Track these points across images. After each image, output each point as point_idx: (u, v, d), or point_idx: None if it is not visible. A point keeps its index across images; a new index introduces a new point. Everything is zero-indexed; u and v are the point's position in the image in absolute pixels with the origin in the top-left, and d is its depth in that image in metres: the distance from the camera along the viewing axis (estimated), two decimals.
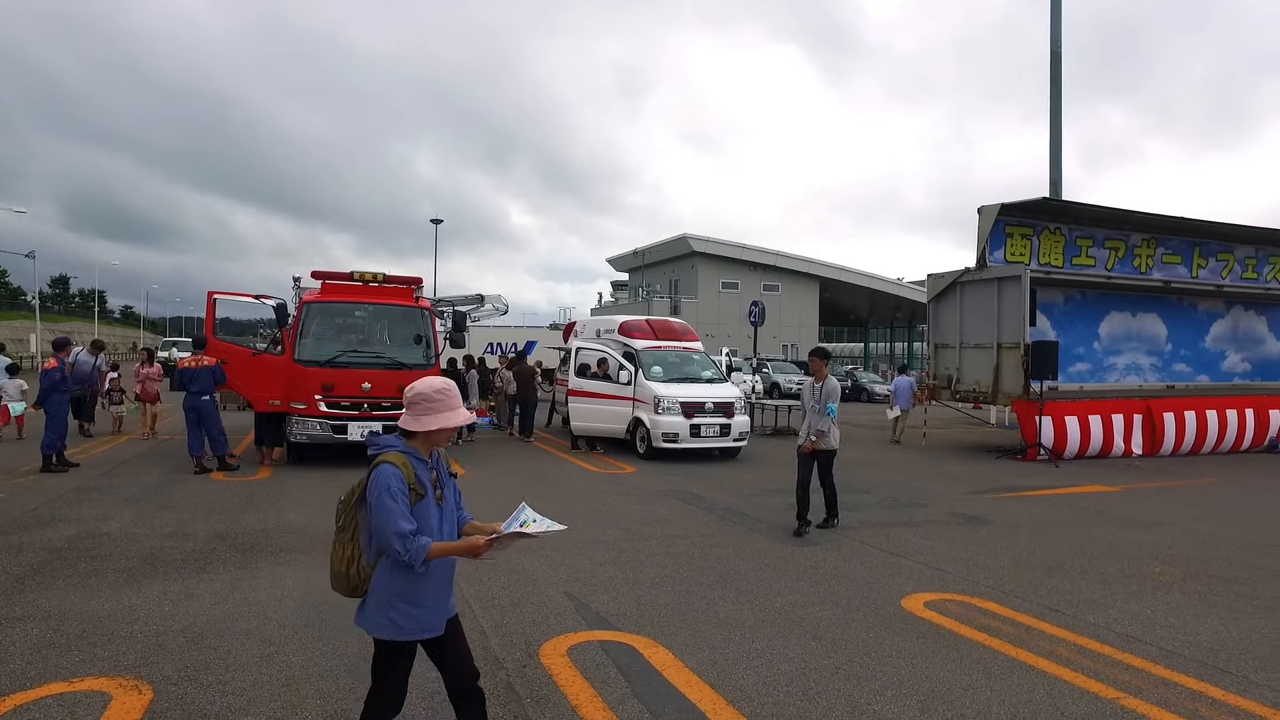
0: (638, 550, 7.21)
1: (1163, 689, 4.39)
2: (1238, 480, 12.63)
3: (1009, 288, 14.77)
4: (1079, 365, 18.23)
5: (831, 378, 8.24)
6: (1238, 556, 7.49)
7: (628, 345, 14.81)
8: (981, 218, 15.26)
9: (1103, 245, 16.88)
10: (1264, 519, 9.47)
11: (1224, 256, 18.41)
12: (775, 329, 44.37)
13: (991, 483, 11.62)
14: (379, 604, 2.85)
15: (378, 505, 2.74)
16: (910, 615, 5.53)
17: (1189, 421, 15.82)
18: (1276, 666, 4.75)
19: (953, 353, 16.10)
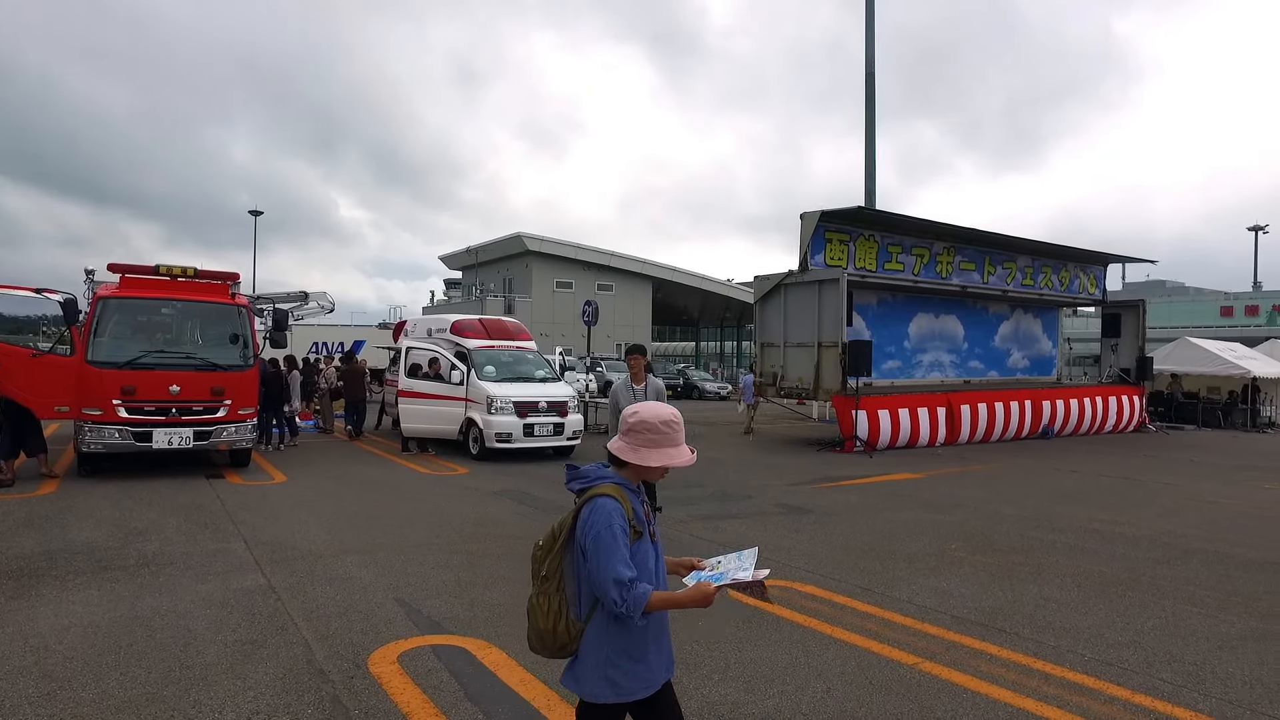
0: (471, 552, 7.10)
1: (953, 651, 4.86)
2: (1018, 464, 14.12)
3: (828, 290, 15.75)
4: (891, 362, 19.74)
5: (654, 377, 7.68)
6: (1015, 530, 8.40)
7: (460, 344, 14.54)
8: (804, 223, 16.17)
9: (910, 252, 18.34)
10: (1036, 496, 10.65)
11: (1009, 265, 20.51)
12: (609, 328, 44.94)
13: (813, 474, 12.35)
14: (596, 663, 2.44)
15: (597, 546, 2.36)
16: (737, 602, 5.79)
17: (982, 413, 17.48)
18: (1039, 622, 5.38)
19: (778, 351, 16.97)
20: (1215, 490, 11.74)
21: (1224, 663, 4.81)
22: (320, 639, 4.88)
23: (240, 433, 11.34)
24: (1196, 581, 6.63)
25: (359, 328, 34.48)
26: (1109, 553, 7.56)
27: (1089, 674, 4.57)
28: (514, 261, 48.64)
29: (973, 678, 4.49)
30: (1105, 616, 5.62)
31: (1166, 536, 8.36)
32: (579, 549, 2.44)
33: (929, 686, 4.36)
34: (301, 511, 8.67)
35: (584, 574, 2.43)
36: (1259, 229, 70.29)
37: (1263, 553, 7.75)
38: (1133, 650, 4.97)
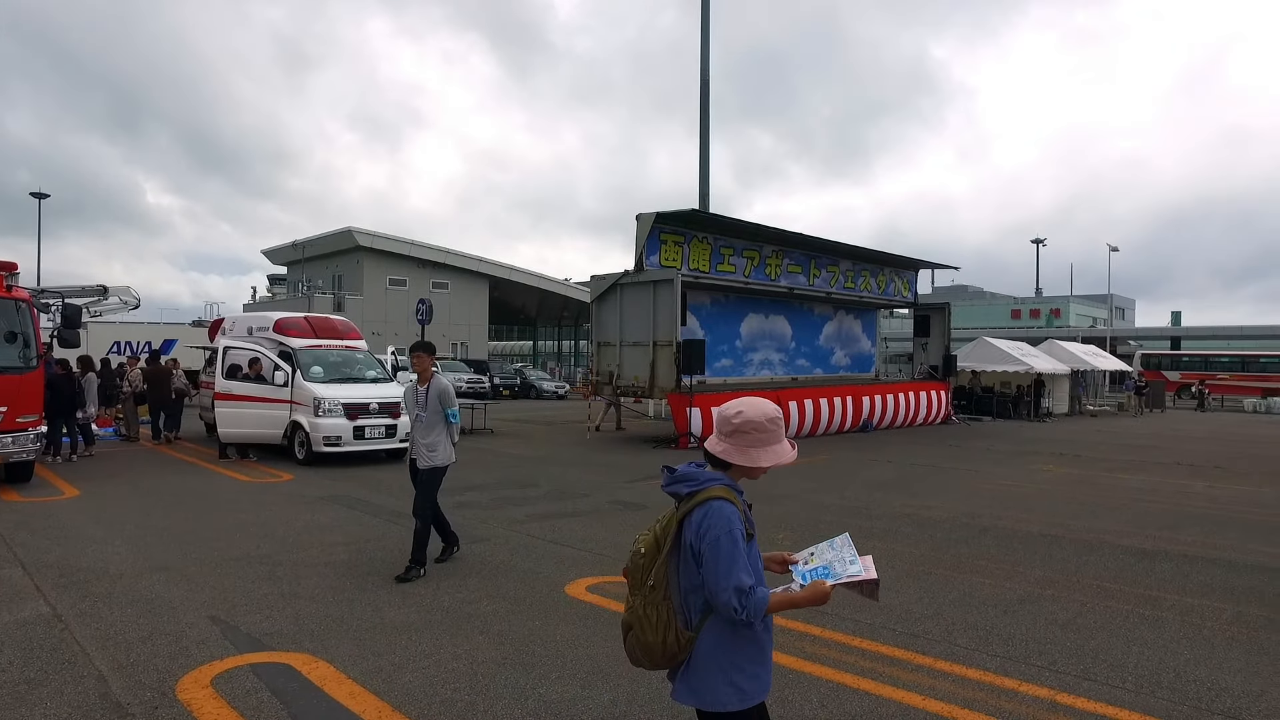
0: (296, 562, 6.72)
1: (780, 635, 5.07)
2: (841, 456, 15.06)
3: (663, 290, 16.12)
4: (723, 361, 20.47)
5: (440, 376, 6.81)
6: (837, 518, 8.95)
7: (284, 344, 13.72)
8: (639, 225, 16.46)
9: (742, 254, 19.11)
10: (857, 486, 11.40)
11: (832, 269, 21.82)
12: (445, 328, 43.89)
13: (649, 470, 12.60)
14: (719, 671, 2.31)
15: (716, 551, 2.22)
16: (574, 600, 5.82)
17: (808, 409, 18.48)
18: (854, 601, 5.75)
19: (614, 350, 17.19)
20: (1006, 474, 13.03)
21: (1006, 625, 5.36)
22: (118, 669, 4.45)
23: (20, 443, 10.14)
24: (987, 556, 7.34)
25: (170, 326, 31.81)
26: (919, 535, 8.21)
27: (899, 646, 4.95)
28: (345, 257, 46.44)
29: (797, 658, 4.74)
30: (914, 593, 6.10)
31: (965, 517, 9.18)
32: (689, 554, 2.32)
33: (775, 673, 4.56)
34: (98, 528, 7.87)
35: (691, 580, 2.32)
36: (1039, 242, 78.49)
37: (1040, 526, 8.69)
38: (935, 621, 5.42)
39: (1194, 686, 4.44)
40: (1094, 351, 35.92)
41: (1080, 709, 4.13)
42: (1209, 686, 4.44)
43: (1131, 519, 9.33)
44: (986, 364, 28.39)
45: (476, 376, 32.29)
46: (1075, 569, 6.92)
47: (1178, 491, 11.63)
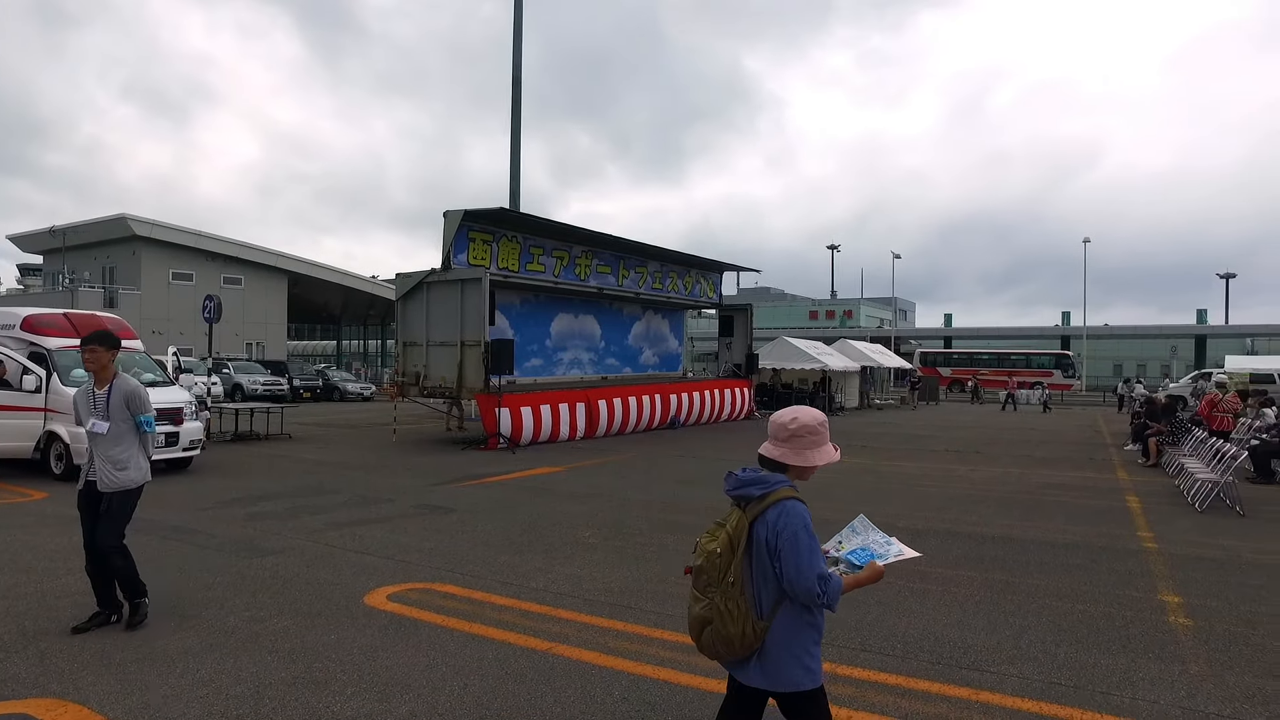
0: (45, 593, 5.97)
1: (585, 632, 5.17)
2: (650, 453, 15.46)
3: (471, 289, 15.83)
4: (533, 360, 20.40)
5: (126, 377, 5.46)
6: (643, 514, 9.19)
7: (36, 344, 12.14)
8: (447, 222, 16.07)
9: (551, 254, 19.13)
10: (663, 482, 11.76)
11: (641, 270, 22.35)
12: (238, 326, 40.73)
13: (457, 472, 12.33)
14: (792, 656, 2.56)
15: (796, 546, 2.48)
16: (374, 610, 5.58)
17: (618, 408, 18.81)
18: (660, 596, 5.95)
19: (421, 350, 16.67)
20: None
21: None
22: None
23: None
24: None
25: None
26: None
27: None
28: (118, 247, 41.79)
29: (602, 654, 4.81)
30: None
31: None
32: (762, 550, 2.54)
33: (562, 668, 4.58)
34: None
35: (763, 574, 2.55)
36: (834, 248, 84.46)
37: (830, 513, 9.29)
38: None
39: (948, 648, 4.96)
40: (881, 350, 39.23)
41: (857, 678, 4.49)
42: (959, 646, 4.98)
43: (908, 502, 10.28)
44: (786, 362, 30.22)
45: (274, 378, 30.23)
46: None
47: (944, 475, 12.94)
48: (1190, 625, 5.46)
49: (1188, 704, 4.23)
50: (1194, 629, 5.39)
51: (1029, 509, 9.91)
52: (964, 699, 4.25)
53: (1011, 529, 8.60)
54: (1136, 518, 9.46)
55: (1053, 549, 7.70)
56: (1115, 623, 5.50)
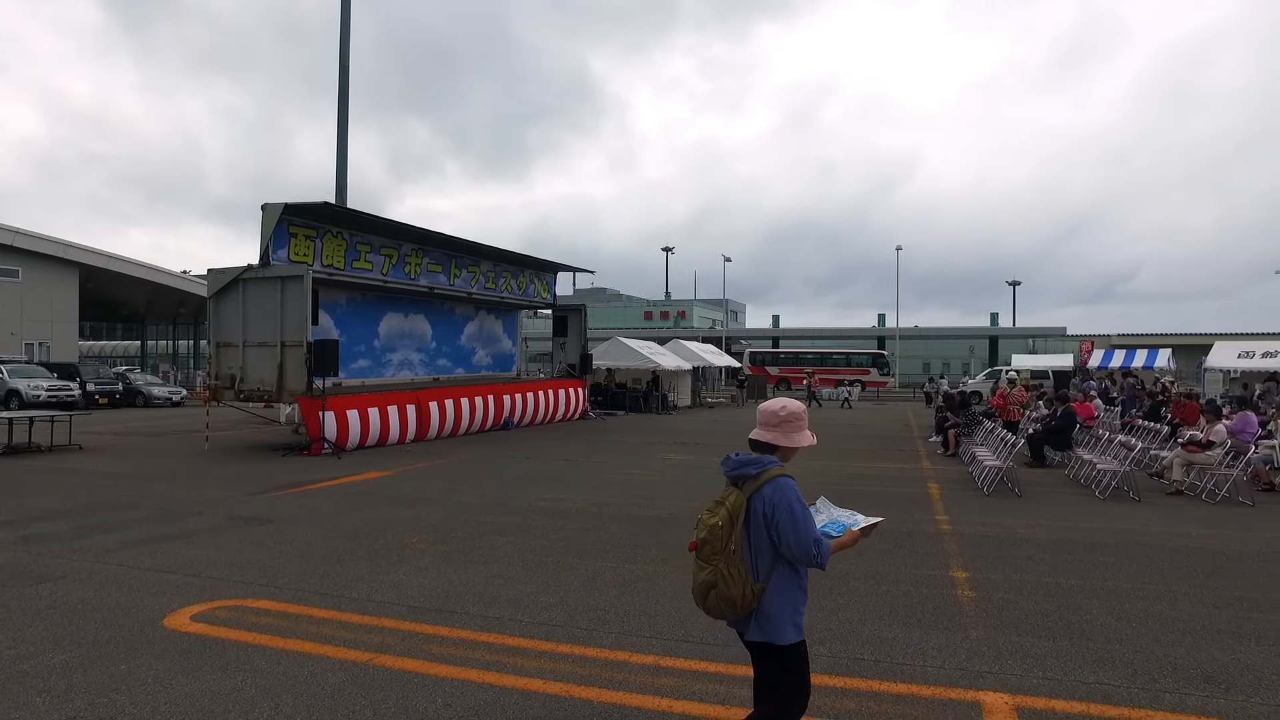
0: None
1: (408, 640, 5.03)
2: (482, 455, 15.23)
3: (292, 287, 14.97)
4: (361, 361, 19.61)
5: None
6: (474, 517, 9.05)
7: None
8: (265, 215, 15.12)
9: (380, 252, 18.43)
10: (496, 484, 11.62)
11: (474, 269, 21.97)
12: (15, 324, 36.41)
13: (276, 481, 11.62)
14: (783, 613, 2.98)
15: (793, 516, 2.89)
16: (175, 634, 5.16)
17: (449, 409, 18.38)
18: (487, 598, 5.89)
19: (236, 351, 15.58)
20: (635, 463, 14.19)
21: (624, 603, 5.84)
22: None
23: None
24: (613, 542, 7.93)
25: None
26: (551, 527, 8.59)
27: (524, 636, 5.14)
28: None
29: (425, 661, 4.70)
30: (542, 583, 6.37)
31: (595, 507, 9.82)
32: (759, 521, 2.94)
33: (382, 679, 4.43)
34: None
35: (760, 542, 2.95)
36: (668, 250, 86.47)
37: (660, 511, 9.61)
38: (560, 609, 5.72)
39: None
40: (712, 350, 40.65)
41: (680, 669, 4.64)
42: None
43: None
44: (620, 362, 30.67)
45: (61, 383, 27.23)
46: (684, 546, 7.73)
47: None
48: (974, 597, 6.05)
49: (967, 666, 4.68)
50: (976, 600, 5.97)
51: (844, 499, 10.47)
52: None
53: None
54: (935, 503, 10.35)
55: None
56: (913, 600, 5.99)
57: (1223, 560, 7.36)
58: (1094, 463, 11.60)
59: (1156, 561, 7.24)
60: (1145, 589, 6.33)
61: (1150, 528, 8.75)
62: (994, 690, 4.36)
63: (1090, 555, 7.46)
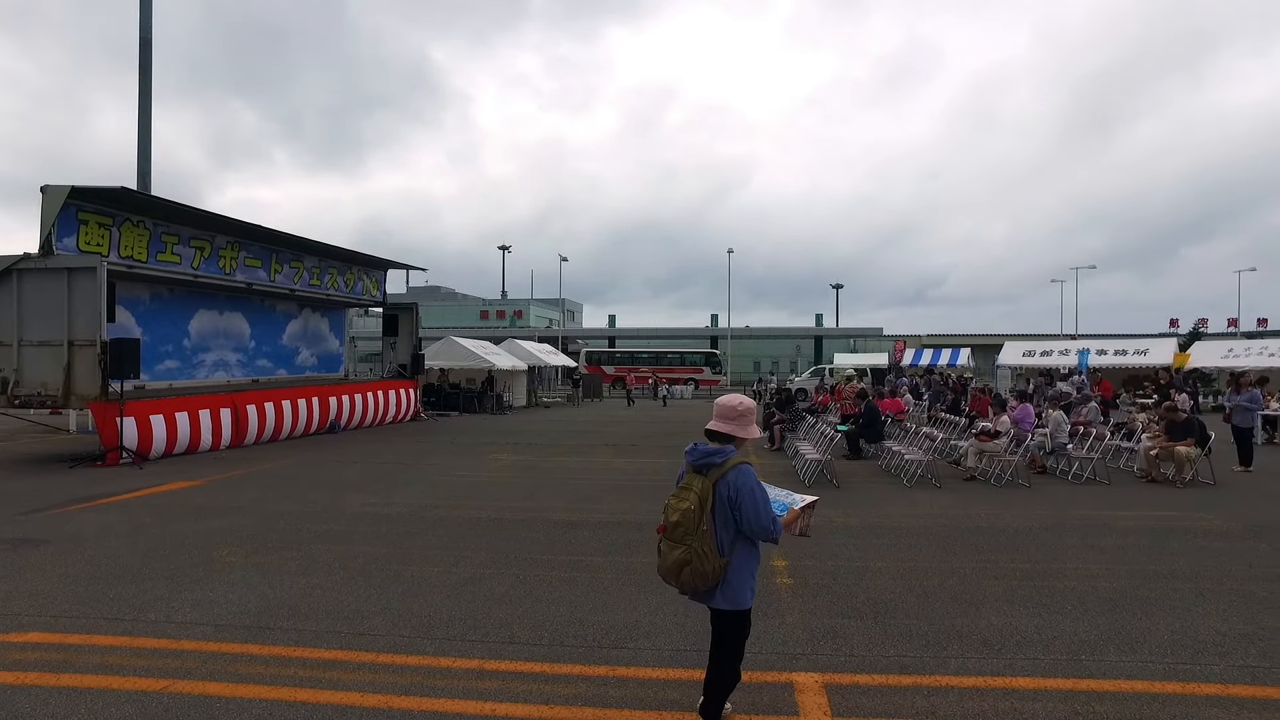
0: None
1: (211, 662, 4.68)
2: (306, 460, 14.43)
3: (82, 279, 13.52)
4: (169, 363, 18.09)
5: None
6: (293, 526, 8.55)
7: None
8: (46, 199, 13.58)
9: (189, 244, 17.03)
10: (318, 490, 11.02)
11: (296, 265, 20.75)
12: None
13: (60, 496, 10.46)
14: (742, 582, 3.57)
15: (754, 499, 3.44)
16: None
17: (269, 412, 17.26)
18: (304, 612, 5.58)
19: (10, 351, 13.84)
20: (466, 465, 13.91)
21: (449, 608, 5.71)
22: None
23: None
24: (441, 545, 7.73)
25: None
26: (375, 532, 8.26)
27: (343, 648, 4.90)
28: None
29: (231, 684, 4.38)
30: (364, 591, 6.11)
31: (424, 510, 9.55)
32: (724, 504, 3.42)
33: (179, 707, 4.10)
34: None
35: (725, 522, 3.45)
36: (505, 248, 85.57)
37: (490, 512, 9.47)
38: (383, 617, 5.51)
39: (591, 630, 5.27)
40: (549, 350, 40.50)
41: (504, 671, 4.59)
42: (600, 627, 5.32)
43: (565, 496, 10.72)
44: (454, 361, 29.99)
45: None
46: (513, 547, 7.66)
47: (603, 468, 13.72)
48: (791, 584, 6.38)
49: (782, 649, 4.94)
50: (793, 586, 6.31)
51: None
52: (602, 677, 4.53)
53: (658, 514, 9.34)
54: None
55: None
56: None
57: (1004, 537, 8.17)
58: (902, 453, 12.55)
59: (951, 541, 7.93)
60: (940, 566, 6.92)
61: (948, 511, 9.56)
62: (806, 670, 4.62)
63: (896, 539, 8.06)
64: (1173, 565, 7.01)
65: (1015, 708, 4.12)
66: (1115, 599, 5.97)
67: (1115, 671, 4.59)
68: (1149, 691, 4.32)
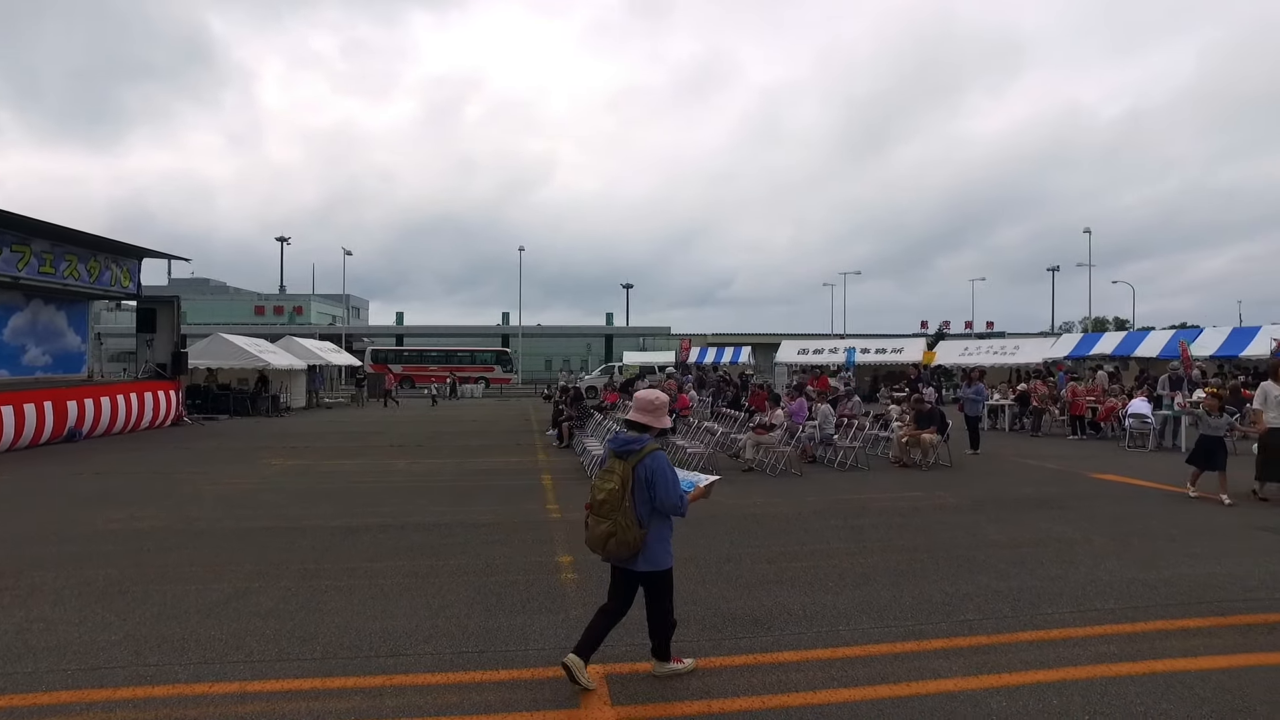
0: None
1: None
2: (33, 474, 12.62)
3: None
4: None
5: None
6: (7, 552, 7.42)
7: None
8: None
9: None
10: (50, 506, 9.69)
11: (21, 249, 18.11)
12: None
13: None
14: (661, 548, 4.27)
15: (666, 480, 4.17)
16: None
17: None
18: (18, 650, 4.86)
19: None
20: (235, 472, 12.81)
21: (207, 629, 5.22)
22: None
23: None
24: (201, 560, 7.04)
25: None
26: (121, 551, 7.37)
27: (70, 688, 4.31)
28: None
29: None
30: (102, 620, 5.43)
31: (183, 523, 8.67)
32: (642, 484, 4.16)
33: None
34: None
35: (642, 499, 4.17)
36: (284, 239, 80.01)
37: (259, 521, 8.79)
38: (123, 647, 4.91)
39: (369, 640, 5.01)
40: (331, 348, 38.27)
41: (269, 691, 4.26)
42: (381, 636, 5.08)
43: (343, 500, 10.16)
44: (223, 360, 27.56)
45: None
46: (284, 558, 7.14)
47: (385, 470, 13.16)
48: (576, 579, 6.44)
49: (566, 645, 4.92)
50: (578, 581, 6.37)
51: (461, 495, 10.64)
52: (377, 687, 4.33)
53: (443, 516, 9.11)
54: (548, 493, 10.86)
55: (477, 529, 8.37)
56: (520, 588, 6.19)
57: (777, 523, 8.75)
58: (685, 447, 13.07)
59: (730, 529, 8.36)
60: (718, 553, 7.27)
61: (728, 501, 10.07)
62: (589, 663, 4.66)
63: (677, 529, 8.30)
64: (916, 539, 7.84)
65: (781, 680, 4.41)
66: (869, 573, 6.57)
67: (866, 637, 5.05)
68: (892, 652, 4.79)
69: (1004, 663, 4.62)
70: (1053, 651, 4.80)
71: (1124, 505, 9.75)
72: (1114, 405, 18.09)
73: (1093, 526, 8.40)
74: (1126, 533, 8.08)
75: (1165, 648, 4.88)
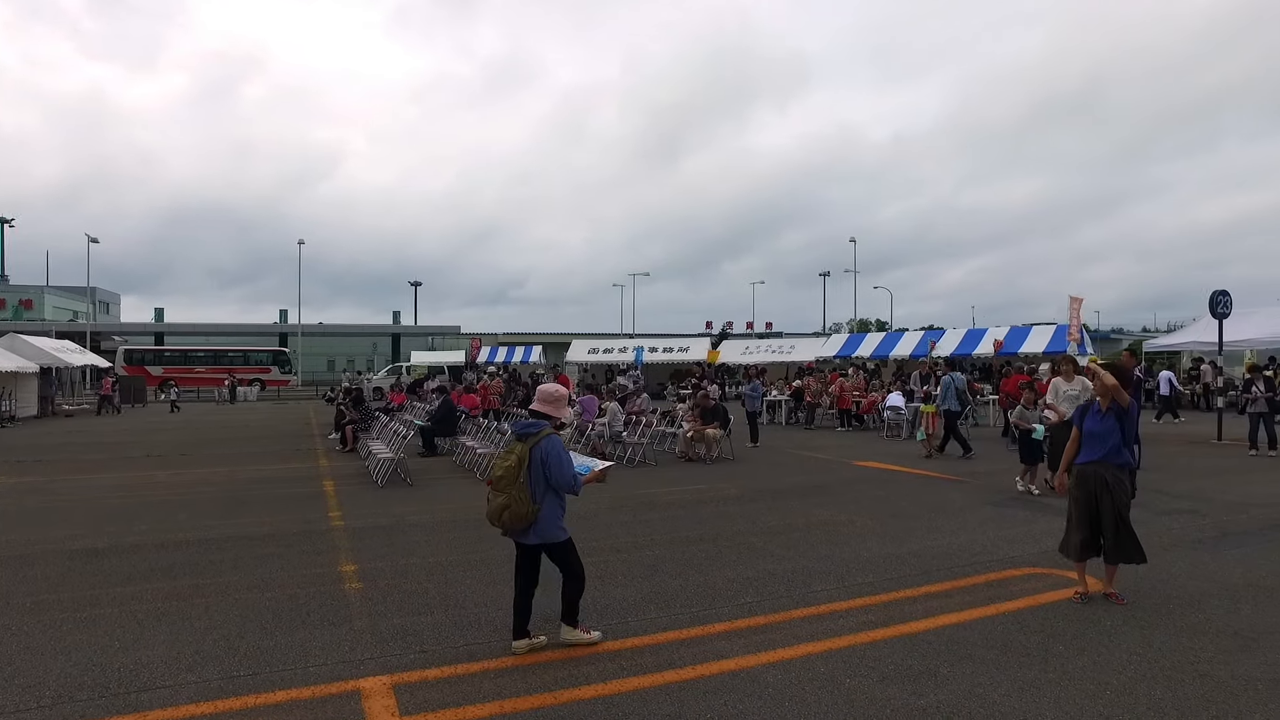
0: None
1: None
2: None
3: None
4: None
5: None
6: None
7: None
8: None
9: None
10: None
11: None
12: None
13: None
14: (553, 522, 4.75)
15: (560, 461, 4.68)
16: None
17: None
18: None
19: None
20: None
21: None
22: None
23: None
24: None
25: None
26: None
27: None
28: None
29: None
30: None
31: None
32: (538, 464, 4.65)
33: None
34: None
35: (537, 478, 4.66)
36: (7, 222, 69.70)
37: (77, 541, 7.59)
38: None
39: (118, 674, 4.48)
40: (72, 348, 33.78)
41: None
42: (132, 669, 4.56)
43: (86, 520, 9.01)
44: None
45: None
46: (5, 590, 6.22)
47: (142, 484, 11.84)
48: (360, 588, 6.14)
49: (349, 657, 4.72)
50: (362, 590, 6.07)
51: (232, 506, 9.80)
52: None
53: (210, 530, 8.34)
54: (330, 500, 10.26)
55: (250, 542, 7.74)
56: (299, 601, 5.80)
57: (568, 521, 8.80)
58: (475, 448, 12.86)
59: None
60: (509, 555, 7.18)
61: None
62: (374, 675, 4.47)
63: (467, 531, 8.20)
64: (701, 530, 8.21)
65: (572, 674, 4.45)
66: (656, 564, 6.80)
67: (654, 626, 5.22)
68: (678, 639, 4.99)
69: (779, 639, 4.96)
70: (821, 625, 5.22)
71: (882, 488, 10.79)
72: (875, 399, 19.97)
73: (857, 509, 9.23)
74: (884, 513, 8.95)
75: (911, 611, 5.46)
